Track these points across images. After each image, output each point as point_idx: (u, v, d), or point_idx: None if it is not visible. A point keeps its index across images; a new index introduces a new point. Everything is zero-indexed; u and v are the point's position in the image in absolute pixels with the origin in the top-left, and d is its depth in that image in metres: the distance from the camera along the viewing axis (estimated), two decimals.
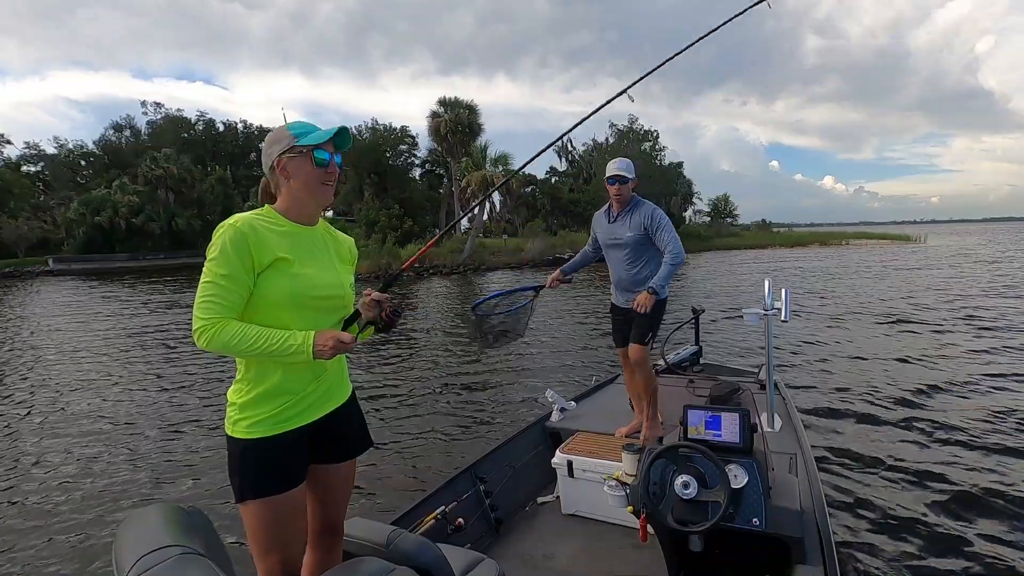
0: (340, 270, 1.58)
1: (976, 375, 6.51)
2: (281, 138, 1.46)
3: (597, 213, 3.42)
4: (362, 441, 1.70)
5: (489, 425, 5.67)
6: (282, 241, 1.44)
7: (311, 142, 1.44)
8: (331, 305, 1.52)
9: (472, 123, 30.59)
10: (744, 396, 3.46)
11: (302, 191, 1.47)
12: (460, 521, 2.55)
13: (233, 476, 1.44)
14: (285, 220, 1.49)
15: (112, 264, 35.93)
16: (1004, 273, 18.90)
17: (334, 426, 1.57)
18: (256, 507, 1.41)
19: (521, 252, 30.79)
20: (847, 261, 27.37)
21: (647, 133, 42.99)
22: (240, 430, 1.43)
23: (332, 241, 1.62)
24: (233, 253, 1.35)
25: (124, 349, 10.64)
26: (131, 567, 1.00)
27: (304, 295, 1.43)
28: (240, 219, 1.40)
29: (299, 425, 1.47)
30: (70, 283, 26.17)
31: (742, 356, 7.93)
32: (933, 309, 11.53)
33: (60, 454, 5.46)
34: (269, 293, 1.40)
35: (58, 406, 7.23)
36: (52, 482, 4.77)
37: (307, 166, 1.45)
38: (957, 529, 3.31)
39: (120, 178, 41.05)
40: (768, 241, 46.15)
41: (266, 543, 1.43)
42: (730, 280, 19.26)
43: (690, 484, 1.87)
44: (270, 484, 1.41)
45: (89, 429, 6.21)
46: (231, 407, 1.46)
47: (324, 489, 1.61)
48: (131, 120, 51.03)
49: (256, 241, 1.38)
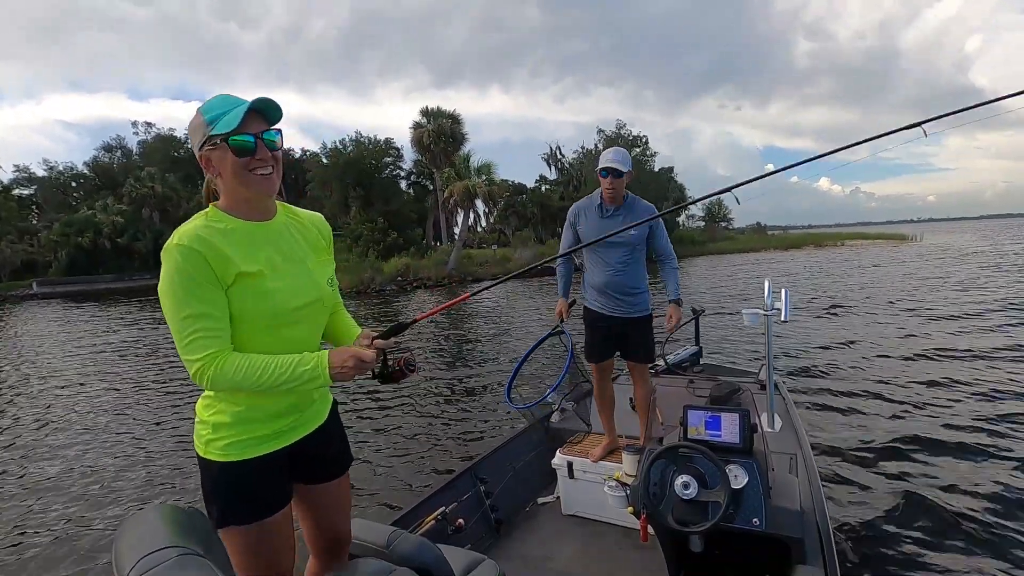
0: (313, 266, 1.38)
1: (978, 373, 6.50)
2: (196, 127, 1.23)
3: (579, 207, 2.98)
4: (343, 459, 1.56)
5: (489, 426, 5.67)
6: (239, 248, 1.23)
7: (223, 130, 1.19)
8: (309, 313, 1.34)
9: (455, 133, 30.31)
10: (744, 396, 3.45)
11: (234, 185, 1.25)
12: (460, 522, 2.55)
13: (209, 501, 1.31)
14: (233, 219, 1.27)
15: (97, 285, 35.24)
16: (1001, 269, 18.90)
17: (314, 446, 1.43)
18: (238, 534, 1.31)
19: (508, 262, 30.24)
20: (839, 262, 27.33)
21: (636, 138, 42.87)
22: (213, 451, 1.29)
23: (298, 228, 1.40)
24: (198, 276, 1.17)
25: (114, 364, 10.66)
26: (131, 568, 1.00)
27: (276, 313, 1.26)
28: (186, 236, 1.18)
29: (282, 446, 1.35)
30: (54, 306, 25.59)
31: (742, 355, 7.93)
32: (932, 307, 11.52)
33: (58, 460, 5.47)
34: (237, 313, 1.23)
35: (51, 418, 7.24)
36: (51, 486, 4.77)
37: (229, 157, 1.21)
38: (958, 528, 3.30)
39: (104, 198, 40.80)
40: (762, 244, 46.11)
41: (254, 568, 1.33)
42: (726, 282, 19.27)
43: (690, 484, 1.87)
44: (250, 511, 1.30)
45: (85, 437, 6.22)
46: (201, 424, 1.32)
47: (316, 507, 1.52)
48: (122, 141, 50.89)
49: (214, 256, 1.19)
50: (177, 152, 48.60)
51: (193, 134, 1.25)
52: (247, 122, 1.21)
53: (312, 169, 35.85)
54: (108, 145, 50.41)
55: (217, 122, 1.20)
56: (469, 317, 15.56)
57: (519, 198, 42.58)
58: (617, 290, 2.87)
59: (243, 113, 1.19)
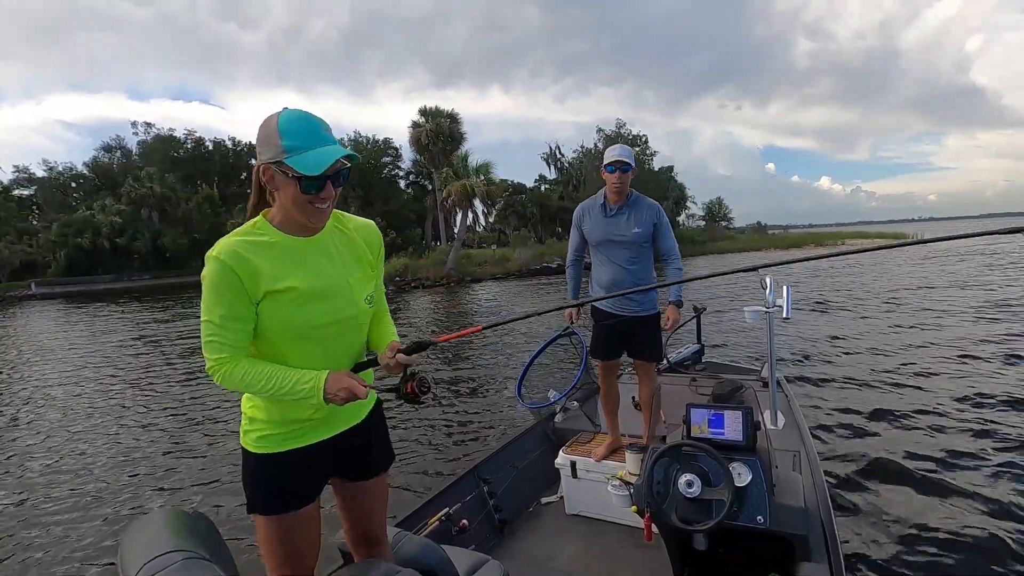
0: (353, 283, 1.37)
1: (981, 369, 6.50)
2: (269, 143, 1.21)
3: (584, 207, 2.98)
4: (383, 458, 1.57)
5: (492, 426, 5.67)
6: (275, 264, 1.26)
7: (302, 171, 1.18)
8: (339, 331, 1.36)
9: (454, 132, 30.29)
10: (747, 394, 3.46)
11: (291, 208, 1.26)
12: (464, 522, 2.55)
13: (245, 486, 1.40)
14: (278, 232, 1.29)
15: (96, 286, 35.25)
16: (999, 266, 18.87)
17: (353, 442, 1.46)
18: (265, 522, 1.37)
19: (507, 262, 30.10)
20: (839, 261, 27.29)
21: (636, 138, 42.89)
22: (250, 442, 1.37)
23: (344, 241, 1.39)
24: (227, 290, 1.22)
25: (110, 364, 10.66)
26: (136, 572, 1.00)
27: (305, 329, 1.30)
28: (224, 250, 1.22)
29: (312, 442, 1.39)
30: (52, 307, 25.54)
31: (744, 353, 7.92)
32: (934, 305, 11.51)
33: (63, 463, 5.47)
34: (267, 325, 1.28)
35: (56, 421, 7.25)
36: (56, 491, 4.78)
37: (292, 188, 1.22)
38: (962, 526, 3.29)
39: (104, 198, 40.83)
40: (762, 244, 46.04)
41: (278, 557, 1.39)
42: (727, 281, 19.23)
43: (694, 483, 1.87)
44: (279, 502, 1.36)
45: (91, 440, 6.23)
46: (244, 417, 1.40)
47: (351, 504, 1.55)
48: (121, 141, 50.85)
49: (247, 273, 1.22)
50: (176, 152, 48.54)
51: (262, 144, 1.23)
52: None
53: None
54: (108, 145, 50.52)
55: (295, 154, 1.19)
56: (470, 317, 15.57)
57: (519, 198, 42.60)
58: (624, 288, 2.85)
59: (328, 165, 1.19)
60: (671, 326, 2.89)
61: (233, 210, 40.60)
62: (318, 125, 1.23)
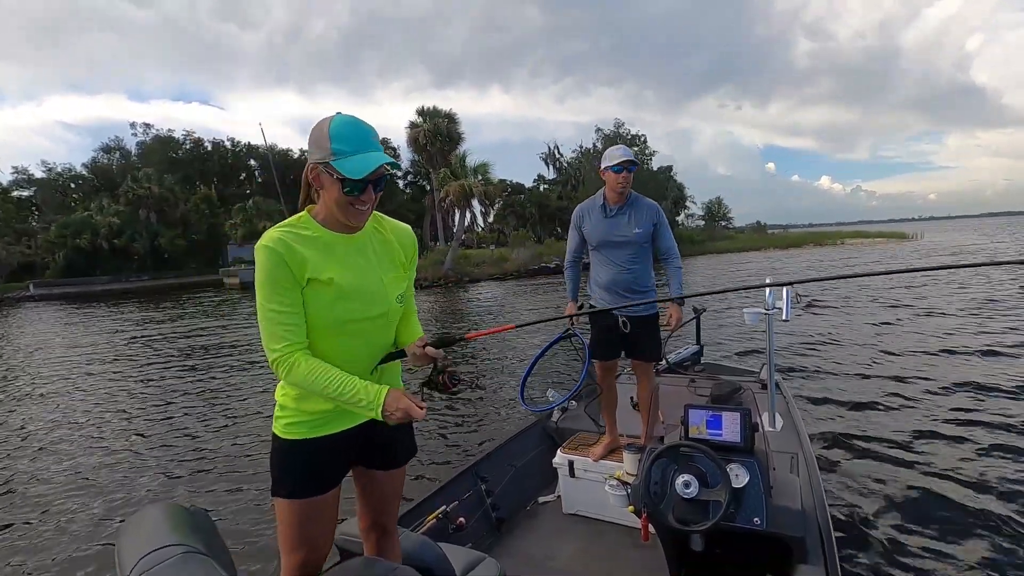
0: (387, 282, 1.44)
1: (980, 370, 6.50)
2: (319, 144, 1.30)
3: (583, 208, 2.98)
4: (406, 450, 1.62)
5: (490, 425, 5.67)
6: (318, 256, 1.33)
7: (346, 173, 1.27)
8: (371, 327, 1.42)
9: (451, 132, 30.21)
10: (745, 396, 3.45)
11: (333, 208, 1.34)
12: (461, 520, 2.55)
13: (272, 470, 1.45)
14: (320, 227, 1.37)
15: (94, 287, 34.96)
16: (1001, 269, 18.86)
17: (378, 433, 1.48)
18: (285, 505, 1.41)
19: (505, 262, 29.92)
20: (839, 260, 27.29)
21: (635, 138, 42.52)
22: (279, 428, 1.42)
23: (380, 242, 1.47)
24: (280, 277, 1.29)
25: (106, 365, 10.67)
26: (134, 566, 1.00)
27: (341, 322, 1.36)
28: (272, 239, 1.30)
29: (339, 430, 1.43)
30: (50, 308, 25.35)
31: (743, 354, 7.93)
32: (932, 305, 11.50)
33: (61, 458, 5.48)
34: (307, 315, 1.34)
35: (54, 417, 7.26)
36: (55, 485, 4.79)
37: (336, 189, 1.30)
38: (960, 528, 3.30)
39: (101, 199, 40.48)
40: (762, 243, 45.73)
41: (292, 541, 1.43)
42: (725, 281, 19.25)
43: (691, 483, 1.87)
44: (300, 487, 1.41)
45: (88, 435, 6.24)
46: (277, 404, 1.45)
47: (369, 491, 1.59)
48: (120, 142, 50.70)
49: (294, 260, 1.30)
50: (175, 153, 48.36)
51: (313, 145, 1.32)
52: None
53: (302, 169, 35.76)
54: (107, 146, 50.39)
55: (342, 158, 1.27)
56: (468, 316, 15.58)
57: (517, 197, 42.51)
58: (624, 288, 2.87)
59: (372, 170, 1.27)
60: (674, 325, 2.89)
61: (232, 210, 40.38)
62: (368, 132, 1.31)
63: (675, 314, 2.86)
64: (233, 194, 46.55)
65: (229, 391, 7.70)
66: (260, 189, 46.40)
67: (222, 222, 40.68)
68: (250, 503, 4.17)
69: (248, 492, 4.36)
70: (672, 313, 2.87)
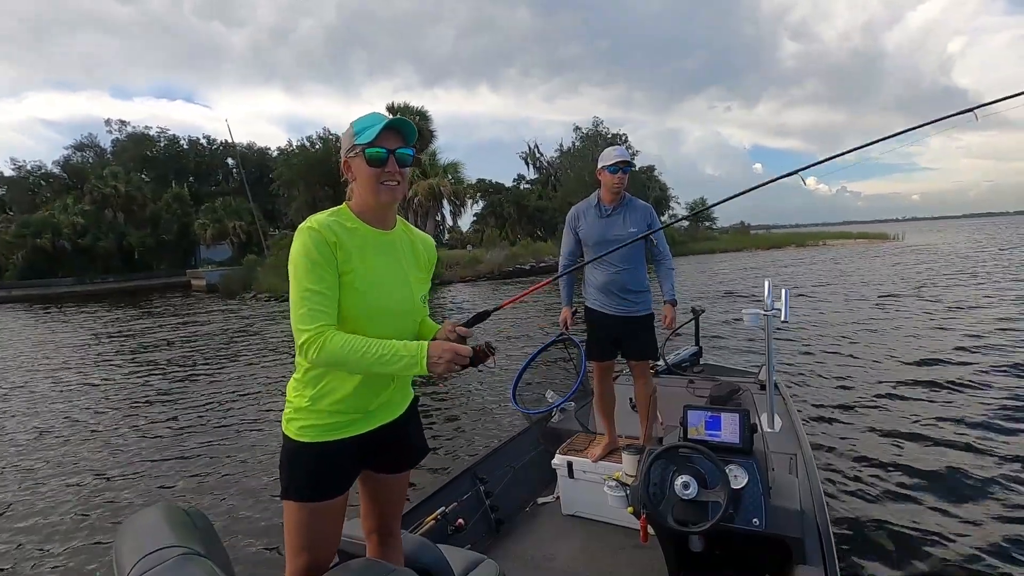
0: (414, 281, 1.51)
1: (978, 369, 6.50)
2: (348, 139, 1.40)
3: (577, 209, 2.99)
4: (414, 455, 1.63)
5: (489, 426, 5.67)
6: (356, 246, 1.38)
7: (363, 141, 1.36)
8: (397, 322, 1.46)
9: (423, 130, 29.88)
10: (744, 396, 3.46)
11: (364, 192, 1.40)
12: (460, 522, 2.55)
13: (281, 470, 1.45)
14: (359, 221, 1.43)
15: (56, 289, 33.27)
16: (989, 267, 18.91)
17: (391, 437, 1.51)
18: (295, 508, 1.42)
19: (479, 264, 28.63)
20: (819, 262, 27.02)
21: (616, 136, 40.59)
22: (292, 430, 1.42)
23: (409, 246, 1.54)
24: (320, 258, 1.31)
25: (66, 371, 10.62)
26: (132, 568, 1.00)
27: (370, 313, 1.39)
28: (317, 221, 1.35)
29: (352, 435, 1.44)
30: (11, 312, 24.29)
31: (741, 355, 7.93)
32: (929, 307, 11.52)
33: (56, 462, 5.47)
34: (341, 303, 1.36)
35: (45, 423, 7.23)
36: (51, 487, 4.77)
37: (362, 166, 1.37)
38: (958, 528, 3.30)
39: (66, 199, 38.64)
40: (745, 244, 44.92)
41: (299, 543, 1.44)
42: (714, 283, 19.24)
43: (690, 484, 1.87)
44: (310, 490, 1.41)
45: (83, 439, 6.22)
46: (287, 404, 1.45)
47: (375, 495, 1.60)
48: (94, 139, 48.45)
49: (336, 243, 1.34)
50: (150, 151, 46.23)
51: (343, 142, 1.42)
52: (384, 137, 1.36)
53: (276, 168, 34.31)
54: (80, 144, 48.06)
55: (361, 133, 1.37)
56: (436, 320, 15.51)
57: (496, 197, 41.80)
58: (619, 289, 2.88)
59: (380, 128, 1.35)
60: (669, 324, 2.93)
61: (201, 210, 38.82)
62: (384, 117, 1.39)
63: (670, 314, 2.93)
64: (209, 192, 44.75)
65: (220, 391, 7.69)
66: (237, 188, 43.41)
67: (193, 221, 39.02)
68: (249, 503, 4.17)
69: (248, 492, 4.35)
70: (667, 313, 2.93)
